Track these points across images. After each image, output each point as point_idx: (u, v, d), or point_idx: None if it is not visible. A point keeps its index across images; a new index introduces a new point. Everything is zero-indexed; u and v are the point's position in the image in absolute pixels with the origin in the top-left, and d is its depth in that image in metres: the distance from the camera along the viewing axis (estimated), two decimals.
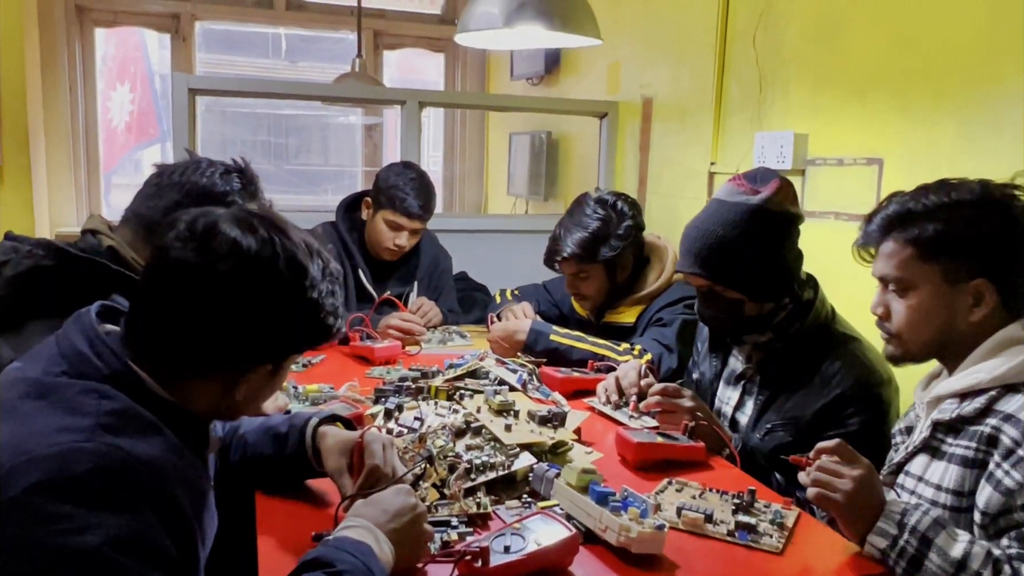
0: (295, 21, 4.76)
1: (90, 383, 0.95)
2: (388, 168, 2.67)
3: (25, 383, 0.95)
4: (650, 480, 1.48)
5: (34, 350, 1.04)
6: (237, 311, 0.98)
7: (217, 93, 3.23)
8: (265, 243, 0.99)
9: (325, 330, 1.06)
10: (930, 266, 1.30)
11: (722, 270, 1.69)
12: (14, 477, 0.84)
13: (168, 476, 0.93)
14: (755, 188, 1.70)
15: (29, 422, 0.90)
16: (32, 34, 3.82)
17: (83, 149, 4.32)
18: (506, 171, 4.59)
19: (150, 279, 1.01)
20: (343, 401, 1.73)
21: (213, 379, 1.02)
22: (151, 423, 0.96)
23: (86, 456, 0.86)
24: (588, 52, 3.76)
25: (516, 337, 2.18)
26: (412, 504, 1.13)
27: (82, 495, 0.85)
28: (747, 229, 1.65)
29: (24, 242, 1.45)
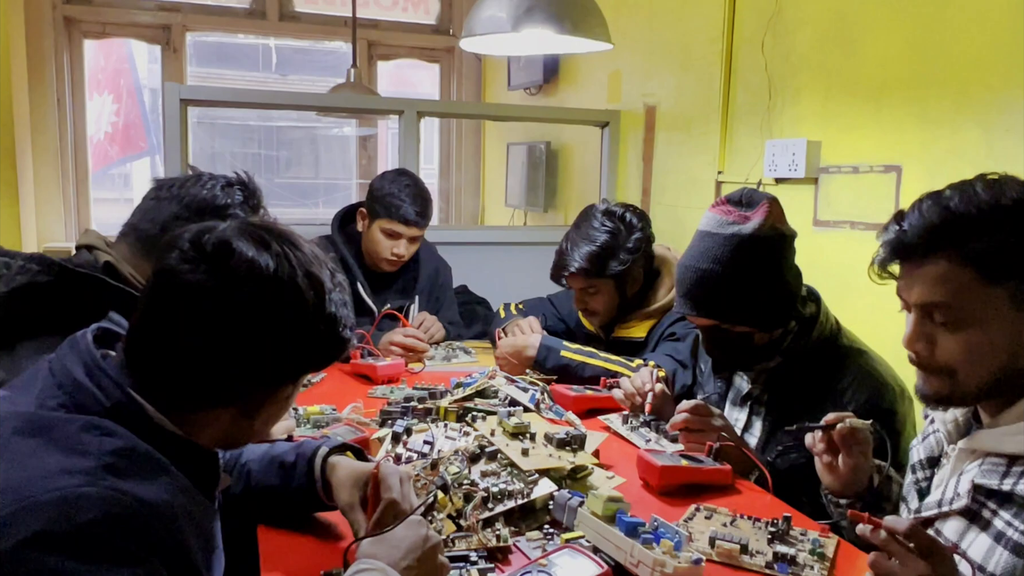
0: (288, 32, 4.69)
1: (91, 418, 0.86)
2: (382, 176, 2.60)
3: (19, 418, 0.86)
4: (675, 506, 1.40)
5: (24, 376, 0.95)
6: (258, 335, 0.90)
7: (210, 104, 3.15)
8: (281, 259, 0.91)
9: (343, 344, 0.99)
10: (995, 290, 1.05)
11: (727, 309, 1.60)
12: (11, 526, 0.75)
13: (177, 521, 0.85)
14: (744, 214, 1.61)
15: (25, 463, 0.81)
16: (19, 45, 3.74)
17: (72, 163, 4.23)
18: (503, 182, 4.52)
19: (156, 304, 0.91)
20: (347, 424, 1.65)
21: (231, 407, 0.94)
22: (157, 462, 0.88)
23: (90, 503, 0.78)
24: (588, 61, 3.70)
25: (525, 353, 2.10)
26: (425, 536, 1.06)
27: (86, 548, 0.76)
28: (746, 262, 1.57)
29: (16, 257, 1.36)
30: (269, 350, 0.91)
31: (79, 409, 0.87)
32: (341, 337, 0.98)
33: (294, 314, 0.92)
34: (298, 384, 1.01)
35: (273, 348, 0.91)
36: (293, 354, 0.94)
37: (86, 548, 0.76)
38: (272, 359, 0.92)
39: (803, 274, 1.70)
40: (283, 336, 0.91)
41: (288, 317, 0.91)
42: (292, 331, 0.92)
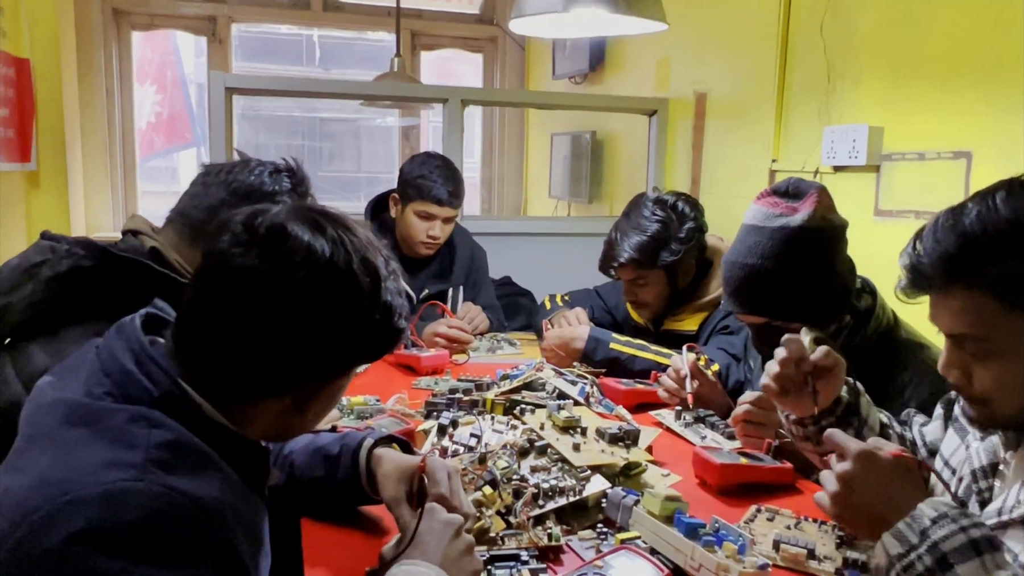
0: (332, 22, 4.68)
1: (139, 409, 0.83)
2: (411, 160, 2.58)
3: (66, 405, 0.84)
4: (733, 507, 1.34)
5: (70, 362, 0.92)
6: (313, 322, 0.86)
7: (255, 92, 3.14)
8: (337, 245, 0.87)
9: (397, 334, 0.95)
10: (1021, 317, 0.97)
11: (777, 306, 1.52)
12: (55, 522, 0.72)
13: (226, 519, 0.81)
14: (791, 206, 1.53)
15: (71, 454, 0.79)
16: (69, 38, 3.78)
17: (119, 153, 4.27)
18: (547, 173, 4.46)
19: (207, 289, 0.88)
20: (391, 415, 1.61)
21: (283, 398, 0.90)
22: (206, 456, 0.85)
23: (137, 499, 0.75)
24: (635, 48, 3.62)
25: (573, 345, 2.04)
26: (444, 521, 1.01)
27: (132, 547, 0.73)
28: (795, 256, 1.48)
29: (62, 241, 1.35)
30: (323, 338, 0.87)
31: (127, 398, 0.84)
32: (396, 327, 0.94)
33: (349, 301, 0.88)
34: (350, 375, 0.97)
35: (327, 336, 0.87)
36: (348, 343, 0.90)
37: (133, 547, 0.73)
38: (326, 348, 0.88)
39: (863, 266, 1.62)
40: (338, 324, 0.87)
41: (343, 304, 0.87)
42: (347, 319, 0.88)
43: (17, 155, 2.98)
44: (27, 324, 1.30)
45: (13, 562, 0.71)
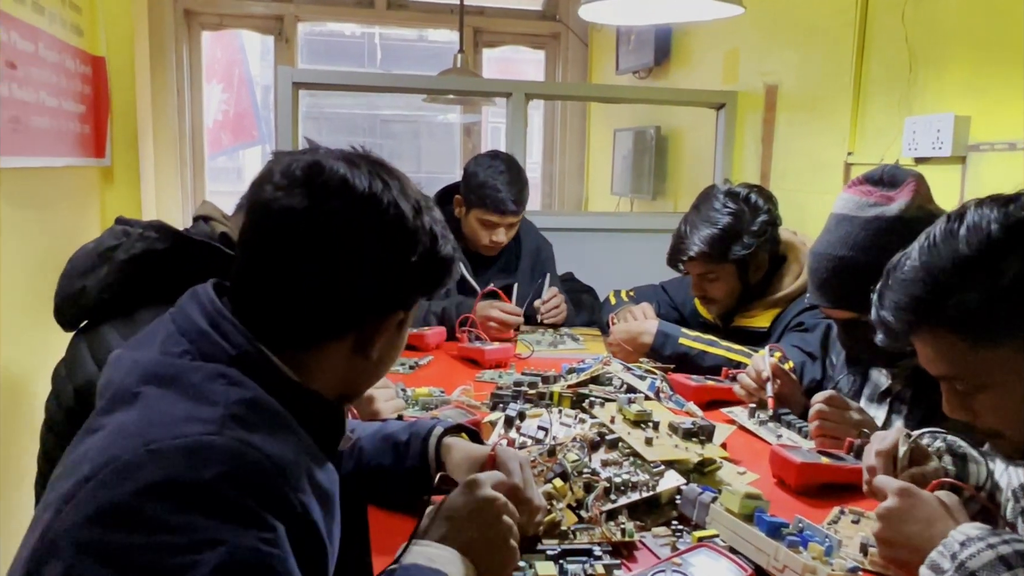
0: (396, 20, 4.70)
1: (218, 366, 0.83)
2: (475, 162, 2.52)
3: (144, 366, 0.84)
4: (814, 507, 1.27)
5: (142, 334, 0.92)
6: (357, 250, 0.86)
7: (321, 87, 3.16)
8: (374, 177, 0.88)
9: (446, 263, 0.94)
10: (994, 352, 0.95)
11: (869, 301, 1.44)
12: (133, 472, 0.72)
13: (302, 482, 0.80)
14: (887, 194, 1.45)
15: (152, 409, 0.79)
16: (142, 37, 3.87)
17: (189, 149, 4.37)
18: (609, 169, 4.40)
19: (253, 237, 0.89)
20: (457, 406, 1.58)
21: (345, 338, 0.89)
22: (282, 417, 0.84)
23: (217, 453, 0.74)
24: (702, 41, 3.54)
25: (641, 339, 1.99)
26: (482, 500, 0.96)
27: (211, 503, 0.72)
28: (891, 249, 1.33)
29: (135, 225, 1.37)
30: (370, 267, 0.86)
31: (204, 357, 0.84)
32: (444, 254, 0.93)
33: (392, 228, 0.87)
34: (409, 314, 0.95)
35: (374, 265, 0.86)
36: (395, 271, 0.88)
37: (211, 503, 0.72)
38: (375, 277, 0.87)
39: None
40: (382, 251, 0.87)
41: (385, 231, 0.87)
42: (391, 246, 0.87)
43: (92, 151, 3.06)
44: (102, 306, 1.32)
45: (87, 507, 0.71)
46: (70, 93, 2.76)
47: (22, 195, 2.30)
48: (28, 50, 2.35)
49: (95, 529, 0.69)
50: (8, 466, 1.96)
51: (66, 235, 2.62)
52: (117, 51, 3.29)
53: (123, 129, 3.36)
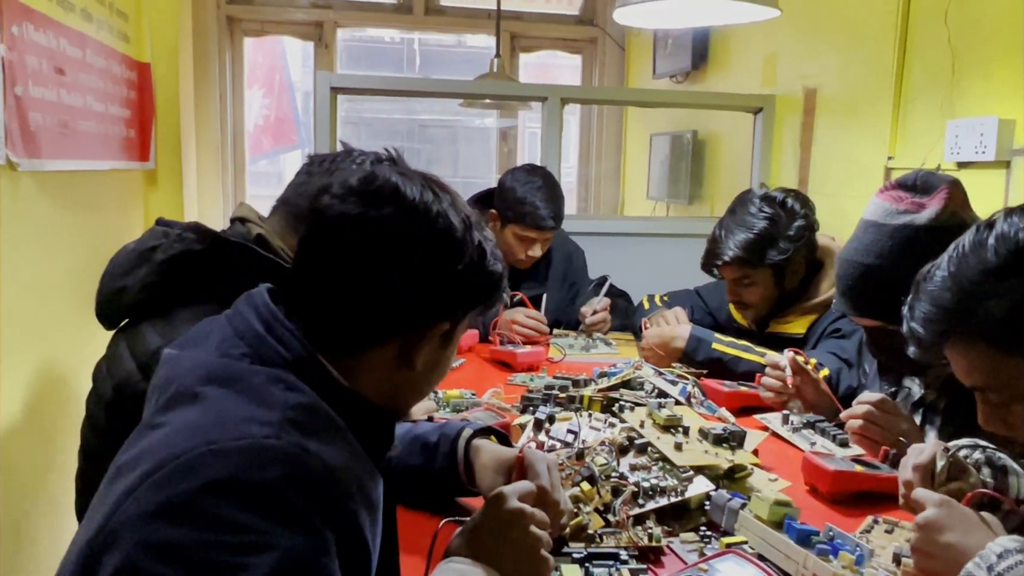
0: (433, 26, 4.74)
1: (276, 371, 0.84)
2: (513, 176, 2.49)
3: (206, 366, 0.85)
4: (847, 516, 1.26)
5: (195, 332, 0.94)
6: (407, 256, 0.87)
7: (358, 92, 3.21)
8: (426, 189, 0.89)
9: (493, 276, 0.94)
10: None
11: (895, 310, 1.37)
12: (196, 469, 0.73)
13: (351, 489, 0.81)
14: (918, 201, 1.40)
15: (214, 408, 0.80)
16: (186, 44, 3.95)
17: (231, 154, 4.45)
18: (645, 174, 4.37)
19: (308, 245, 0.91)
20: (487, 409, 1.59)
21: (388, 345, 0.89)
22: (335, 423, 0.85)
23: (275, 456, 0.75)
24: (740, 44, 3.51)
25: (673, 344, 1.98)
26: (510, 512, 0.96)
27: (266, 504, 0.73)
28: (919, 259, 1.25)
29: (174, 226, 1.40)
30: (415, 272, 0.87)
31: (262, 361, 0.85)
32: (492, 270, 0.93)
33: (439, 237, 0.88)
34: (457, 328, 0.95)
35: (419, 270, 0.87)
36: (440, 279, 0.89)
37: (267, 504, 0.73)
38: (419, 282, 0.88)
39: None
40: (428, 258, 0.88)
41: (433, 239, 0.88)
42: (437, 254, 0.88)
43: (137, 154, 3.13)
44: (141, 305, 1.34)
45: (148, 502, 0.72)
46: (116, 98, 2.83)
47: (69, 197, 2.36)
48: (76, 56, 2.41)
49: (155, 524, 0.71)
50: (53, 460, 2.01)
51: (111, 236, 2.69)
52: (162, 57, 3.36)
53: (167, 133, 3.43)
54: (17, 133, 1.94)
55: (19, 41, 1.97)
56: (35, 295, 2.04)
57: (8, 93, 1.89)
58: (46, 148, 2.13)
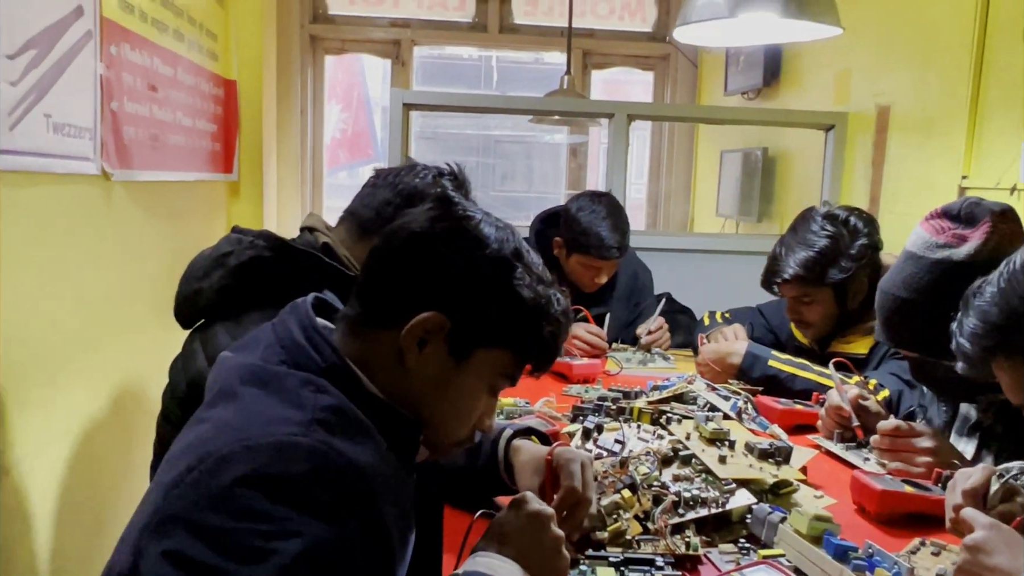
0: (507, 44, 4.84)
1: (308, 375, 0.91)
2: (577, 204, 2.48)
3: (246, 369, 0.93)
4: (894, 537, 1.24)
5: (248, 338, 1.02)
6: (444, 267, 0.95)
7: (429, 108, 3.31)
8: (500, 229, 0.97)
9: (537, 332, 0.97)
10: None
11: (931, 344, 1.35)
12: (230, 463, 0.80)
13: (376, 486, 0.86)
14: (960, 233, 1.36)
15: (249, 408, 0.88)
16: (271, 61, 4.14)
17: (310, 168, 4.63)
18: (715, 191, 4.35)
19: (376, 253, 1.00)
20: (539, 417, 1.63)
21: (391, 330, 0.94)
22: (363, 425, 0.91)
23: (301, 452, 0.82)
24: (813, 61, 3.47)
25: (729, 360, 1.98)
26: (530, 514, 1.00)
27: (293, 496, 0.79)
28: (955, 296, 1.22)
29: (247, 234, 1.49)
30: (448, 287, 0.94)
31: (297, 367, 0.92)
32: (547, 314, 0.97)
33: (490, 266, 0.95)
34: (504, 376, 1.00)
35: (451, 286, 0.94)
36: (474, 304, 0.94)
37: (293, 496, 0.79)
38: (457, 299, 0.94)
39: None
40: (462, 279, 0.94)
41: (478, 264, 0.95)
42: (478, 283, 0.94)
43: (222, 166, 3.30)
44: (215, 307, 1.44)
45: (191, 493, 0.80)
46: (204, 113, 3.00)
47: (158, 206, 2.52)
48: (168, 74, 2.57)
49: (196, 513, 0.79)
50: (133, 452, 2.14)
51: (194, 243, 2.82)
52: (248, 74, 3.54)
53: (249, 146, 3.61)
54: (112, 146, 2.09)
55: (116, 60, 2.12)
56: (123, 295, 2.19)
57: (105, 108, 2.04)
58: (138, 160, 2.28)
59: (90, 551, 1.92)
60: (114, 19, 2.10)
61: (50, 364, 1.75)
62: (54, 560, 1.76)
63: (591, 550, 1.11)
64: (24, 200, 1.65)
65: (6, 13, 1.56)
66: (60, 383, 1.80)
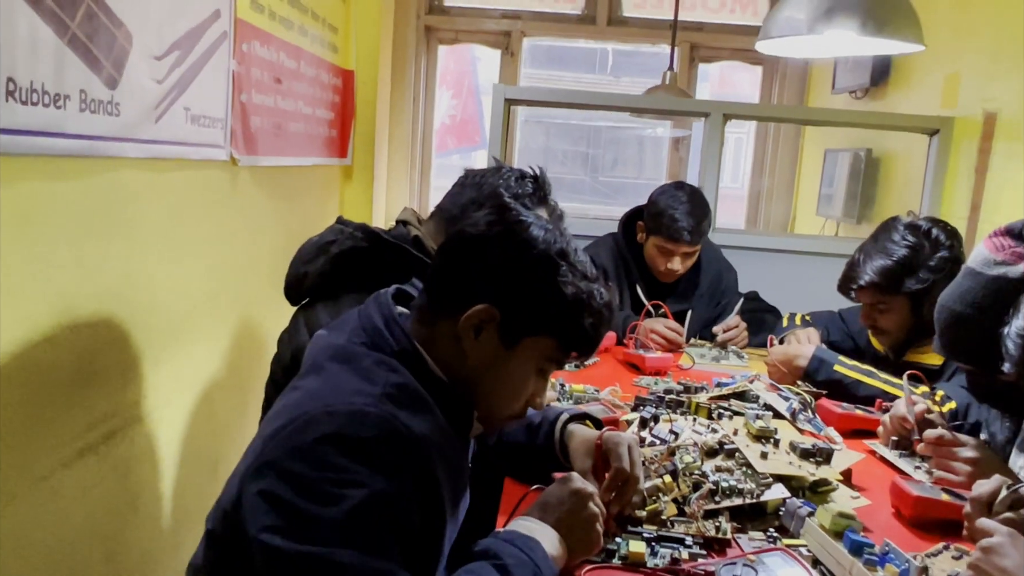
0: (615, 36, 4.90)
1: (382, 356, 1.08)
2: (660, 191, 2.60)
3: (334, 348, 1.12)
4: (925, 540, 1.31)
5: (339, 320, 1.21)
6: (489, 261, 1.10)
7: (529, 103, 3.45)
8: (552, 232, 1.11)
9: (578, 322, 1.09)
10: None
11: (986, 359, 1.35)
12: (314, 424, 0.98)
13: (431, 453, 1.02)
14: (1019, 251, 1.36)
15: (332, 380, 1.06)
16: (386, 51, 4.37)
17: (419, 154, 4.86)
18: (817, 190, 4.30)
19: (442, 249, 1.18)
20: (603, 404, 1.75)
21: (456, 317, 1.09)
22: (425, 401, 1.07)
23: (371, 420, 0.98)
24: (922, 62, 3.39)
25: (796, 363, 2.04)
26: (573, 490, 1.13)
27: (361, 454, 0.96)
28: (1008, 311, 1.28)
29: (348, 225, 1.68)
30: (509, 284, 1.08)
31: (375, 348, 1.10)
32: (590, 311, 1.09)
33: (535, 265, 1.09)
34: (548, 361, 1.13)
35: (513, 289, 1.08)
36: (524, 302, 1.08)
37: (363, 455, 0.96)
38: (508, 297, 1.07)
39: None
40: (514, 278, 1.09)
41: (524, 263, 1.09)
42: (526, 280, 1.09)
43: (337, 152, 3.55)
44: (318, 289, 1.64)
45: (283, 446, 0.98)
46: (323, 102, 3.25)
47: (279, 188, 2.77)
48: (291, 67, 2.81)
49: (285, 462, 0.97)
50: (246, 408, 2.40)
51: (311, 223, 3.09)
52: (365, 64, 3.77)
53: (363, 132, 3.85)
54: (240, 134, 2.33)
55: (247, 56, 2.36)
56: (244, 269, 2.44)
57: (235, 100, 2.28)
58: (262, 146, 2.53)
59: (206, 488, 2.19)
60: (246, 19, 2.33)
61: (179, 328, 2.01)
62: (176, 496, 2.03)
63: (629, 526, 1.24)
64: (165, 184, 1.90)
65: (155, 19, 1.80)
66: (187, 345, 2.06)
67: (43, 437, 1.49)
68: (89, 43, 1.53)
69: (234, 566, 1.01)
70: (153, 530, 1.94)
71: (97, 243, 1.63)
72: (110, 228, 1.67)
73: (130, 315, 1.76)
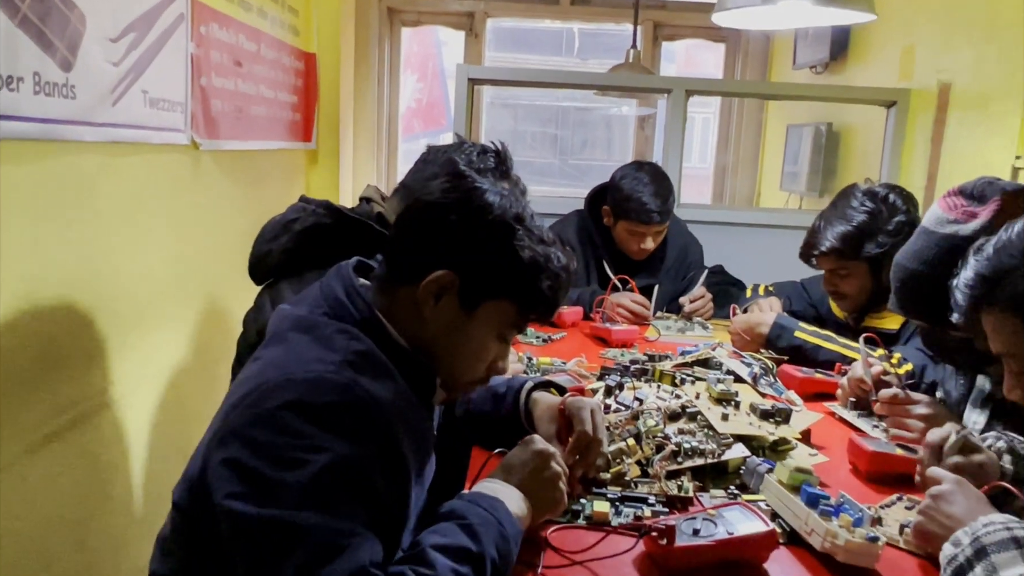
0: (579, 15, 4.90)
1: (344, 324, 1.10)
2: (622, 174, 2.61)
3: (295, 318, 1.13)
4: (881, 493, 1.35)
5: (302, 294, 1.21)
6: (454, 230, 1.11)
7: (493, 82, 3.45)
8: (507, 198, 1.12)
9: (535, 285, 1.11)
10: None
11: (937, 314, 1.39)
12: (276, 392, 0.99)
13: (393, 418, 1.04)
14: (971, 210, 1.41)
15: (294, 349, 1.07)
16: (348, 34, 4.34)
17: (385, 137, 4.84)
18: (780, 165, 4.36)
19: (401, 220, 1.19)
20: (569, 374, 1.78)
21: (414, 285, 1.10)
22: (387, 368, 1.08)
23: (331, 386, 1.00)
24: (879, 36, 3.44)
25: (758, 330, 2.08)
26: (535, 451, 1.16)
27: (323, 419, 0.97)
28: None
29: (311, 203, 1.68)
30: (466, 249, 1.09)
31: (336, 318, 1.11)
32: (536, 282, 1.10)
33: (491, 229, 1.10)
34: (510, 325, 1.15)
35: (466, 245, 1.09)
36: (478, 265, 1.10)
37: (324, 420, 0.97)
38: (463, 260, 1.09)
39: None
40: (468, 243, 1.10)
41: (490, 228, 1.10)
42: (482, 244, 1.10)
43: (301, 136, 3.53)
44: (282, 267, 1.64)
45: (245, 414, 0.99)
46: (285, 86, 3.22)
47: (243, 172, 2.75)
48: (252, 50, 2.79)
49: (248, 430, 0.98)
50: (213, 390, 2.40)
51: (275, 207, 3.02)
52: (327, 47, 3.74)
53: (327, 116, 3.82)
54: (201, 117, 2.31)
55: (206, 39, 2.34)
56: (208, 253, 2.43)
57: (195, 84, 2.26)
58: (224, 130, 2.51)
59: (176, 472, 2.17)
60: (204, 1, 2.31)
61: (145, 313, 2.00)
62: (146, 481, 2.02)
63: (594, 488, 1.27)
64: (125, 168, 1.88)
65: (109, 0, 1.77)
66: (152, 329, 2.05)
67: (6, 424, 1.48)
68: (41, 24, 1.51)
69: (201, 536, 1.02)
70: (124, 516, 1.94)
71: (56, 228, 1.61)
72: (69, 212, 1.66)
73: (93, 300, 1.75)
